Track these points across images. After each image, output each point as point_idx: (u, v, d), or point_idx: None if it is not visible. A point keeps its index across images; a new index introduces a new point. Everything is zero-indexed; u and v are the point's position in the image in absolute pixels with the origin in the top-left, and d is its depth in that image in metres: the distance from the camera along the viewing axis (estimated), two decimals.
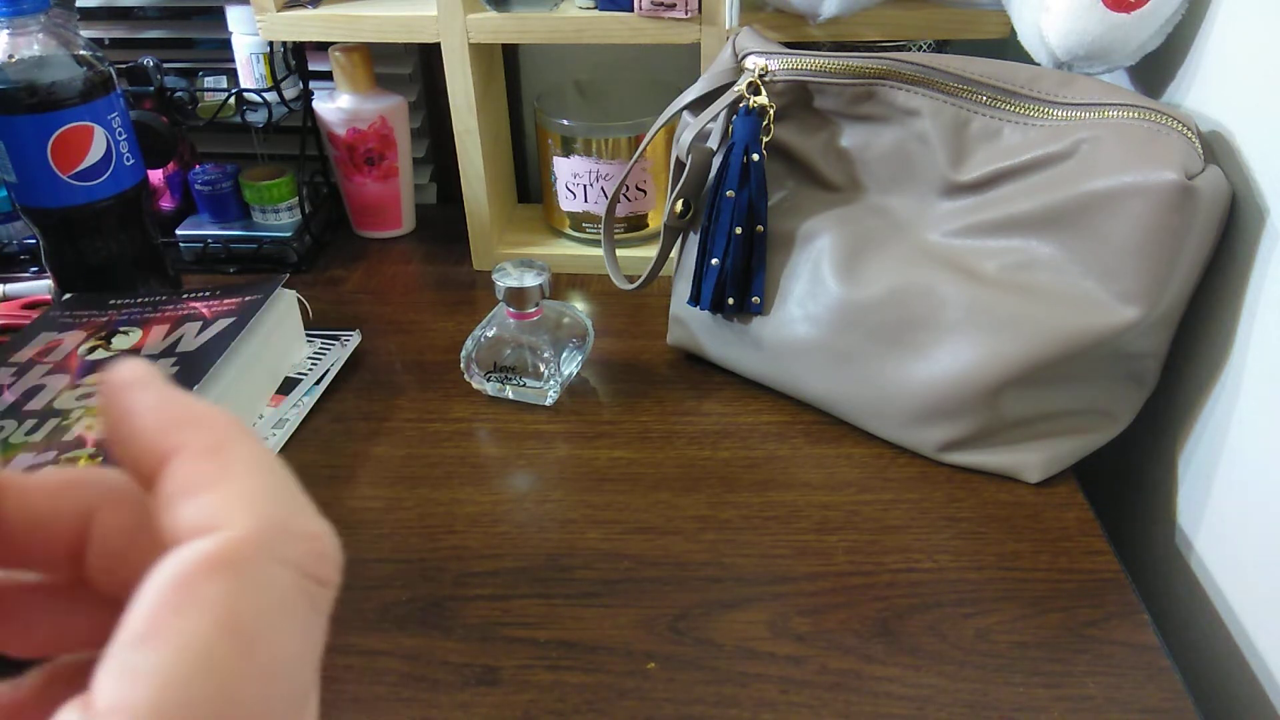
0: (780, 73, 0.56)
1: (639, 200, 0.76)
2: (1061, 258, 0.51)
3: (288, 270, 0.78)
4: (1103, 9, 0.52)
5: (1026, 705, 0.42)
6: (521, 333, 0.60)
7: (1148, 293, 0.48)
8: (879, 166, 0.57)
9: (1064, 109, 0.51)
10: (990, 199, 0.53)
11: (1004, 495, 0.53)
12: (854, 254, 0.56)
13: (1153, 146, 0.48)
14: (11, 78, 0.59)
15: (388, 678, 0.44)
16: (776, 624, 0.46)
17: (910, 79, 0.54)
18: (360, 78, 0.78)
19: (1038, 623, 0.46)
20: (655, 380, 0.64)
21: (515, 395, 0.62)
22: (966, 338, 0.52)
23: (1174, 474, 0.55)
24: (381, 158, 0.81)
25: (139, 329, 0.60)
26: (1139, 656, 0.44)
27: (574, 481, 0.55)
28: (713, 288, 0.59)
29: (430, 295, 0.76)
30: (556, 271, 0.76)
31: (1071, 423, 0.54)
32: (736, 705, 0.42)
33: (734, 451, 0.57)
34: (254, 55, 0.77)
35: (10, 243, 0.79)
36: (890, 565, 0.49)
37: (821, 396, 0.58)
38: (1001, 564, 0.49)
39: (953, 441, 0.54)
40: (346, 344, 0.67)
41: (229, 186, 0.79)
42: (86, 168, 0.62)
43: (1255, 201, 0.48)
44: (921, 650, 0.44)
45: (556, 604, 0.47)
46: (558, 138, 0.75)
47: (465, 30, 0.68)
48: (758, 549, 0.50)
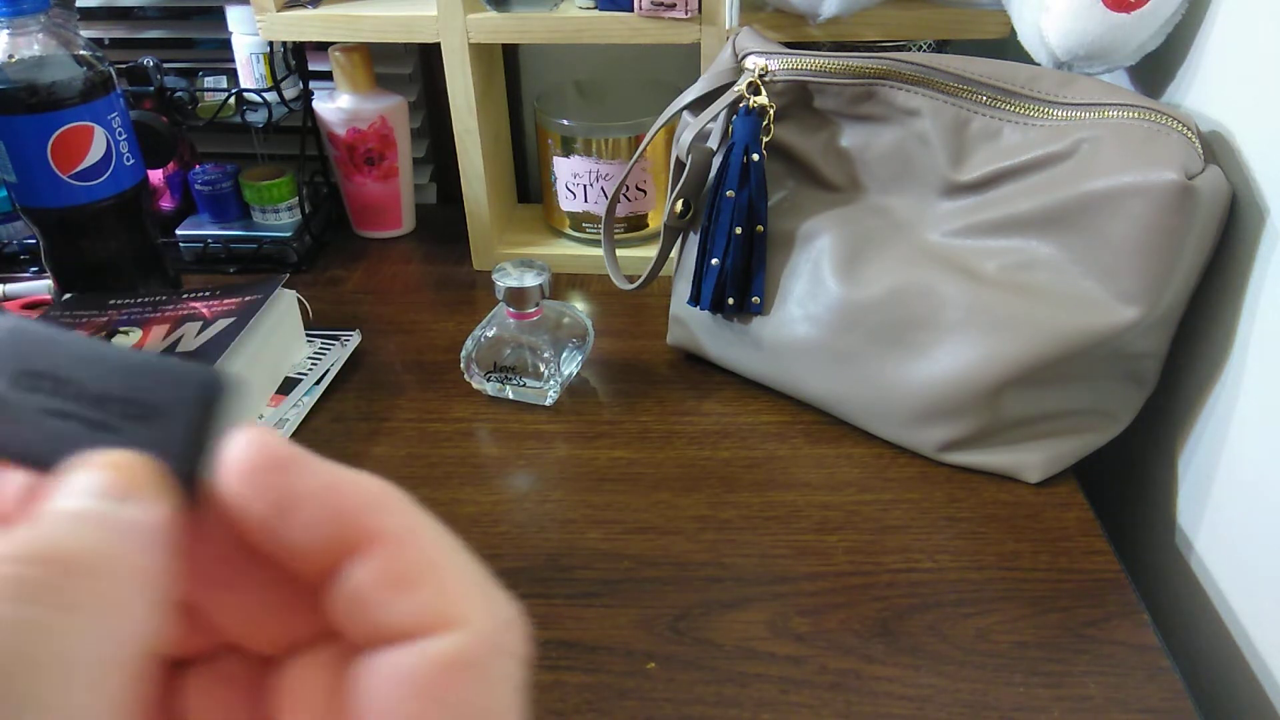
0: (780, 73, 0.56)
1: (639, 200, 0.76)
2: (1062, 258, 0.51)
3: (288, 270, 0.78)
4: (1103, 9, 0.52)
5: (1026, 705, 0.42)
6: (521, 333, 0.60)
7: (1148, 293, 0.48)
8: (879, 166, 0.57)
9: (1064, 109, 0.51)
10: (990, 199, 0.53)
11: (1004, 495, 0.53)
12: (854, 254, 0.56)
13: (1153, 146, 0.48)
14: (11, 78, 0.59)
15: None
16: (776, 624, 0.46)
17: (910, 79, 0.54)
18: (360, 78, 0.78)
19: (1038, 623, 0.46)
20: (655, 380, 0.64)
21: (515, 395, 0.62)
22: (967, 338, 0.52)
23: (1174, 474, 0.55)
24: (381, 158, 0.81)
25: (139, 329, 0.60)
26: (1139, 656, 0.44)
27: (574, 481, 0.55)
28: (713, 288, 0.59)
29: (430, 295, 0.76)
30: (556, 271, 0.76)
31: (1072, 423, 0.54)
32: (736, 705, 0.42)
33: (734, 451, 0.57)
34: (254, 55, 0.77)
35: (10, 243, 0.79)
36: (890, 565, 0.49)
37: (821, 396, 0.58)
38: (1002, 564, 0.49)
39: (953, 441, 0.54)
40: (346, 344, 0.67)
41: (229, 186, 0.79)
42: (86, 168, 0.62)
43: (1255, 201, 0.48)
44: (921, 650, 0.44)
45: (556, 604, 0.47)
46: (558, 138, 0.75)
47: (465, 30, 0.68)
48: (758, 549, 0.50)
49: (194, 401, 0.18)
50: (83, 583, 0.15)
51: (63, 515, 0.16)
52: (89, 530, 0.16)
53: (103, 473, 0.17)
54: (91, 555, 0.15)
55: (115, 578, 0.16)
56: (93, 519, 0.16)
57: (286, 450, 0.17)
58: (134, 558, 0.16)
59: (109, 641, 0.15)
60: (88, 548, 0.16)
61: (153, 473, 0.17)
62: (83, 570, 0.15)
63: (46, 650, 0.14)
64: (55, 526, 0.16)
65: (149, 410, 0.18)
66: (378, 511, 0.17)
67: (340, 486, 0.17)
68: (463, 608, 0.16)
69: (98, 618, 0.15)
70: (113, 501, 0.16)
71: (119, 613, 0.15)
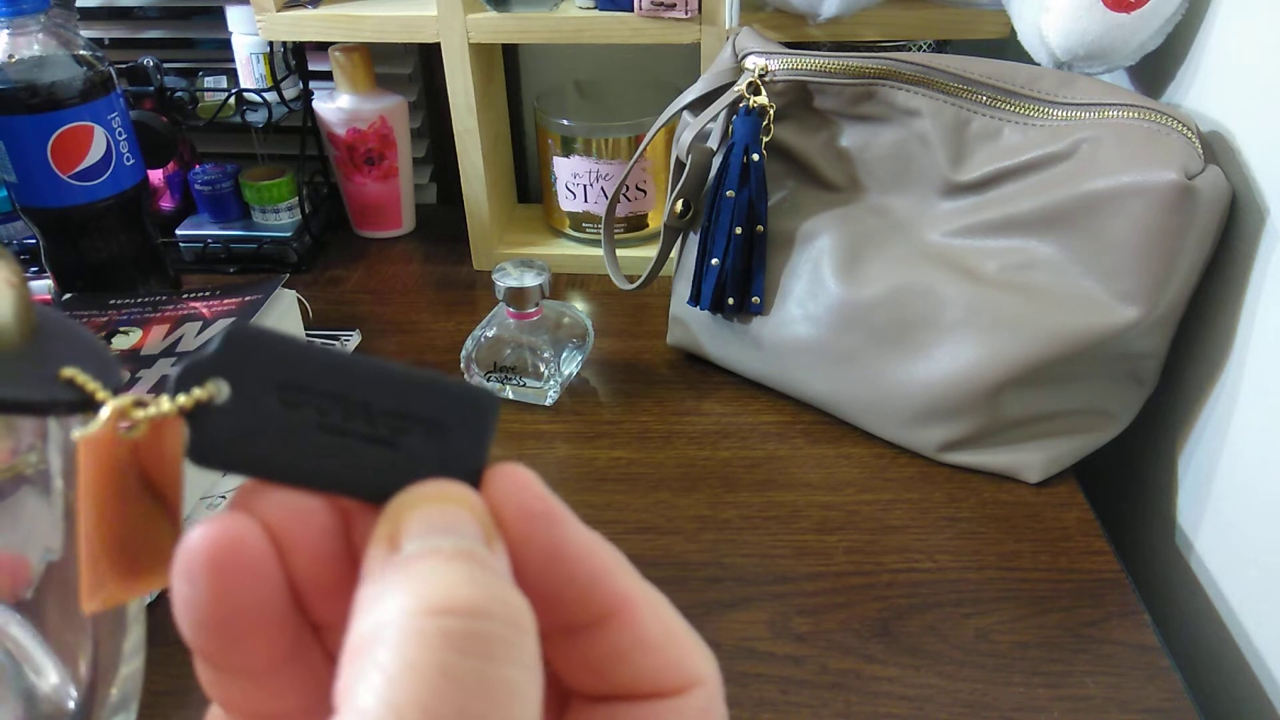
0: (780, 72, 0.56)
1: (639, 200, 0.76)
2: (1062, 258, 0.51)
3: (288, 270, 0.78)
4: (1103, 9, 0.52)
5: (1026, 705, 0.42)
6: (521, 333, 0.60)
7: (1148, 293, 0.48)
8: (879, 166, 0.57)
9: (1064, 109, 0.51)
10: (990, 199, 0.53)
11: (1004, 495, 0.53)
12: (854, 254, 0.56)
13: (1153, 146, 0.48)
14: (11, 78, 0.59)
15: None
16: (776, 624, 0.46)
17: (910, 79, 0.54)
18: (360, 78, 0.78)
19: (1038, 623, 0.46)
20: (655, 380, 0.64)
21: (515, 395, 0.62)
22: (967, 338, 0.52)
23: (1174, 474, 0.55)
24: (381, 158, 0.81)
25: (139, 329, 0.60)
26: (1139, 656, 0.44)
27: (574, 481, 0.55)
28: (713, 288, 0.59)
29: (430, 295, 0.76)
30: (556, 271, 0.76)
31: (1072, 423, 0.54)
32: (736, 705, 0.42)
33: (734, 451, 0.57)
34: (254, 55, 0.77)
35: (10, 243, 0.79)
36: (890, 565, 0.49)
37: (821, 396, 0.58)
38: (1001, 564, 0.49)
39: (953, 441, 0.54)
40: (346, 344, 0.67)
41: (229, 186, 0.79)
42: (86, 168, 0.62)
43: (1255, 201, 0.48)
44: (921, 650, 0.44)
45: None
46: (558, 138, 0.75)
47: (465, 30, 0.68)
48: (758, 549, 0.50)
49: (476, 418, 0.17)
50: (530, 638, 0.15)
51: (460, 562, 0.15)
52: (496, 582, 0.15)
53: (458, 510, 0.16)
54: (522, 607, 0.15)
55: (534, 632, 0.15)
56: (487, 566, 0.15)
57: (556, 502, 0.17)
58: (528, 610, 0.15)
59: (538, 699, 0.15)
60: (517, 601, 0.15)
61: (484, 508, 0.17)
62: (529, 624, 0.15)
63: (519, 713, 0.14)
64: (462, 575, 0.15)
65: (428, 425, 0.17)
66: (625, 574, 0.18)
67: (596, 547, 0.17)
68: (702, 668, 0.18)
69: (539, 674, 0.15)
70: (484, 545, 0.16)
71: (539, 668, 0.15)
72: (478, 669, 0.14)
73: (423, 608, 0.14)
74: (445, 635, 0.14)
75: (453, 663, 0.13)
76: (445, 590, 0.14)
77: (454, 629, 0.14)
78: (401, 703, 0.13)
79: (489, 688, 0.14)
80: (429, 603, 0.14)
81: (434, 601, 0.14)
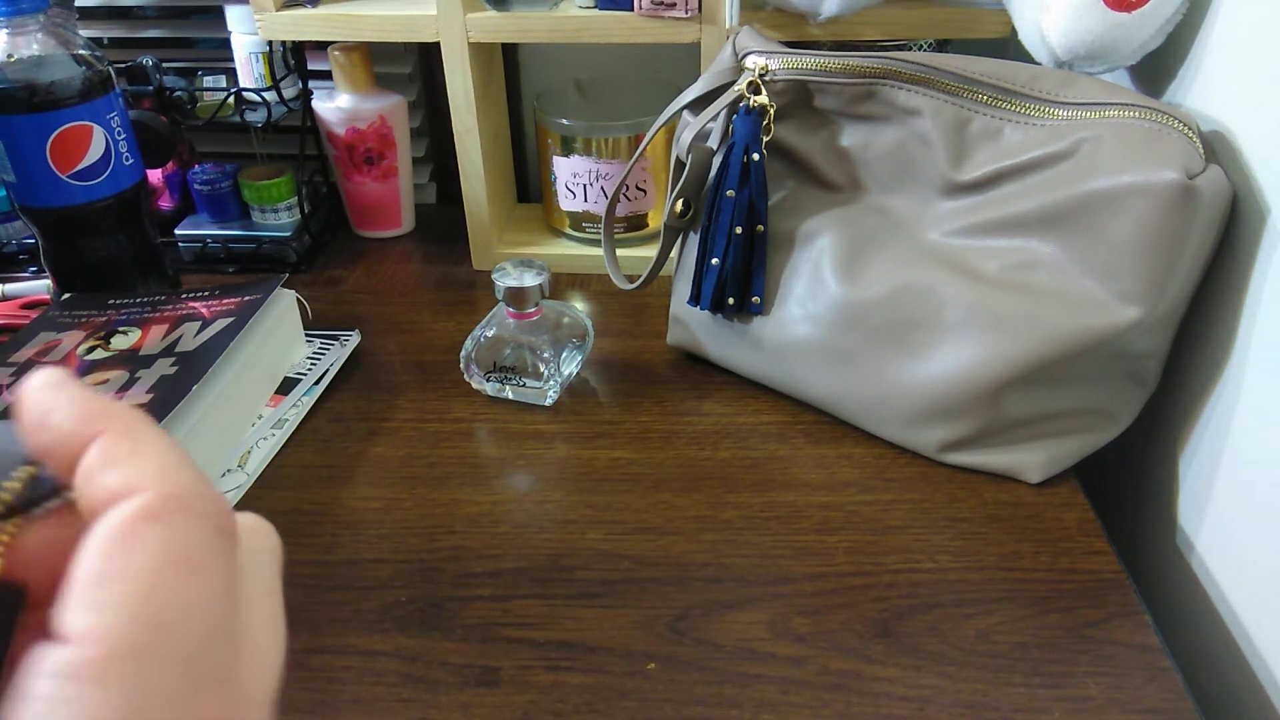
0: (780, 72, 0.56)
1: (639, 200, 0.76)
2: (1062, 257, 0.51)
3: (287, 270, 0.78)
4: (1104, 8, 0.52)
5: (1027, 706, 0.42)
6: (521, 333, 0.60)
7: (1148, 293, 0.48)
8: (879, 166, 0.57)
9: (1065, 108, 0.51)
10: (991, 199, 0.53)
11: (1005, 495, 0.53)
12: (854, 254, 0.56)
13: (1154, 146, 0.47)
14: (11, 77, 0.59)
15: (387, 678, 0.44)
16: (777, 624, 0.46)
17: (911, 78, 0.54)
18: (360, 77, 0.78)
19: (1038, 623, 0.46)
20: (655, 380, 0.64)
21: (515, 395, 0.61)
22: (967, 338, 0.52)
23: (1175, 474, 0.55)
24: (381, 157, 0.81)
25: (138, 329, 0.60)
26: (1140, 657, 0.44)
27: (574, 482, 0.55)
28: (713, 288, 0.59)
29: (430, 295, 0.76)
30: (556, 271, 0.76)
31: (1072, 423, 0.54)
32: (736, 706, 0.42)
33: (734, 451, 0.57)
34: (253, 55, 0.77)
35: (9, 242, 0.79)
36: (890, 566, 0.49)
37: (822, 396, 0.58)
38: (1002, 564, 0.49)
39: (953, 442, 0.54)
40: (346, 344, 0.67)
41: (228, 186, 0.79)
42: (85, 167, 0.62)
43: (1256, 201, 0.48)
44: (922, 651, 0.44)
45: (556, 604, 0.47)
46: (557, 137, 0.74)
47: (465, 29, 0.68)
48: (758, 549, 0.50)
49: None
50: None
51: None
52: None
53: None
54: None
55: None
56: None
57: (56, 375, 0.20)
58: None
59: None
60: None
61: None
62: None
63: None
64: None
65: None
66: (105, 417, 0.20)
67: (82, 400, 0.20)
68: (153, 478, 0.19)
69: None
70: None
71: None
72: None
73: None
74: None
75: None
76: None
77: None
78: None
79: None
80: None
81: None
